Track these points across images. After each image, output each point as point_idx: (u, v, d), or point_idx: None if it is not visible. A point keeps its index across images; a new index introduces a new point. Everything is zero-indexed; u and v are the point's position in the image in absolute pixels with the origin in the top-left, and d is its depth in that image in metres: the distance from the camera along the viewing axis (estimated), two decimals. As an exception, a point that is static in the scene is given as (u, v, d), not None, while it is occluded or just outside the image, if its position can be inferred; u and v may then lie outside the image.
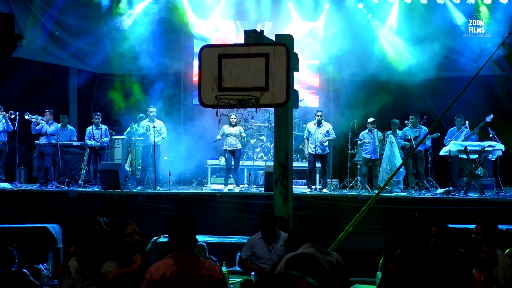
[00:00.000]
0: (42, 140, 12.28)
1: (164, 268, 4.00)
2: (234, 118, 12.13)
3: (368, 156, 12.36)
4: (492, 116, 11.82)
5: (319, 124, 12.07)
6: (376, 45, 14.63)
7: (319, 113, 12.19)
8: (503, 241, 5.49)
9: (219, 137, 12.25)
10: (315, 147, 11.99)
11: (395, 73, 14.17)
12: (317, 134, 11.97)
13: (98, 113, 12.91)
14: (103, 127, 12.70)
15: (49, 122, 12.42)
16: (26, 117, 12.22)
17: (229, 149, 12.12)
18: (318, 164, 12.35)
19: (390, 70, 14.23)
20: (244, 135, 12.23)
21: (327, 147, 12.28)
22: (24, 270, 6.67)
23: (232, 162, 12.19)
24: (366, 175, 12.38)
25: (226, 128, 12.10)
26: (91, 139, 12.50)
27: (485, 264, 4.74)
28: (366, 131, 12.56)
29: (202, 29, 15.24)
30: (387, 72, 14.22)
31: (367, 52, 14.47)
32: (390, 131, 12.53)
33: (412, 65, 14.20)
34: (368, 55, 14.44)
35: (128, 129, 13.51)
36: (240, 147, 12.24)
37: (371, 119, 12.46)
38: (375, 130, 12.36)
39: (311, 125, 12.24)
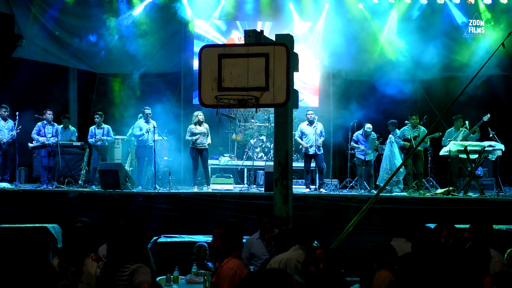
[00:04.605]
0: (52, 140, 12.25)
1: (244, 267, 4.15)
2: (201, 116, 12.05)
3: (361, 157, 12.39)
4: (489, 115, 11.82)
5: (311, 123, 12.10)
6: (376, 45, 14.63)
7: (311, 112, 12.28)
8: (497, 242, 5.47)
9: (190, 138, 12.02)
10: (309, 147, 12.02)
11: (395, 73, 14.17)
12: (315, 135, 12.00)
13: (100, 113, 12.91)
14: (106, 126, 12.72)
15: (51, 122, 12.42)
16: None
17: (197, 147, 12.02)
18: (313, 164, 12.38)
19: (390, 70, 14.23)
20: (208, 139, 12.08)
21: (321, 147, 12.30)
22: None
23: (200, 162, 12.11)
24: (363, 175, 12.41)
25: (194, 127, 12.01)
26: (93, 138, 12.53)
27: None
28: (361, 132, 12.56)
29: (202, 29, 15.25)
30: (387, 72, 14.22)
31: (367, 51, 14.48)
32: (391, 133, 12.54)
33: (412, 65, 14.21)
34: (368, 55, 14.45)
35: (129, 131, 13.52)
36: (208, 146, 12.16)
37: (369, 126, 12.43)
38: (372, 134, 12.39)
39: (304, 126, 12.28)
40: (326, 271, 3.98)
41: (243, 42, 6.68)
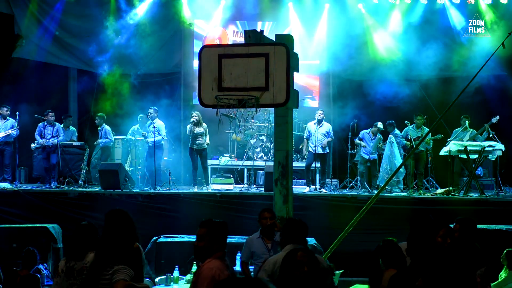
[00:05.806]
0: (51, 141, 12.24)
1: (225, 269, 4.11)
2: (196, 116, 12.04)
3: (366, 156, 12.39)
4: (498, 117, 11.87)
5: (319, 123, 12.10)
6: (376, 45, 14.63)
7: (320, 112, 12.29)
8: (496, 242, 5.57)
9: (188, 134, 12.12)
10: (315, 147, 12.03)
11: (395, 73, 14.16)
12: (317, 134, 12.01)
13: (99, 114, 12.92)
14: (105, 128, 12.73)
15: (51, 123, 12.43)
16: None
17: (196, 148, 12.05)
18: (318, 164, 12.37)
19: (390, 70, 14.22)
20: (207, 139, 12.12)
21: (327, 147, 12.31)
22: (38, 275, 6.68)
23: (199, 162, 12.14)
24: (364, 174, 12.42)
25: (192, 128, 12.01)
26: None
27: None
28: (368, 131, 12.56)
29: (202, 29, 15.24)
30: (387, 72, 14.21)
31: (367, 52, 14.47)
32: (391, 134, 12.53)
33: (412, 65, 14.20)
34: (368, 55, 14.44)
35: (130, 131, 13.53)
36: (206, 146, 12.19)
37: (380, 123, 12.44)
38: (378, 134, 12.41)
39: (311, 125, 12.28)
40: (309, 273, 3.98)
41: (237, 35, 6.69)
